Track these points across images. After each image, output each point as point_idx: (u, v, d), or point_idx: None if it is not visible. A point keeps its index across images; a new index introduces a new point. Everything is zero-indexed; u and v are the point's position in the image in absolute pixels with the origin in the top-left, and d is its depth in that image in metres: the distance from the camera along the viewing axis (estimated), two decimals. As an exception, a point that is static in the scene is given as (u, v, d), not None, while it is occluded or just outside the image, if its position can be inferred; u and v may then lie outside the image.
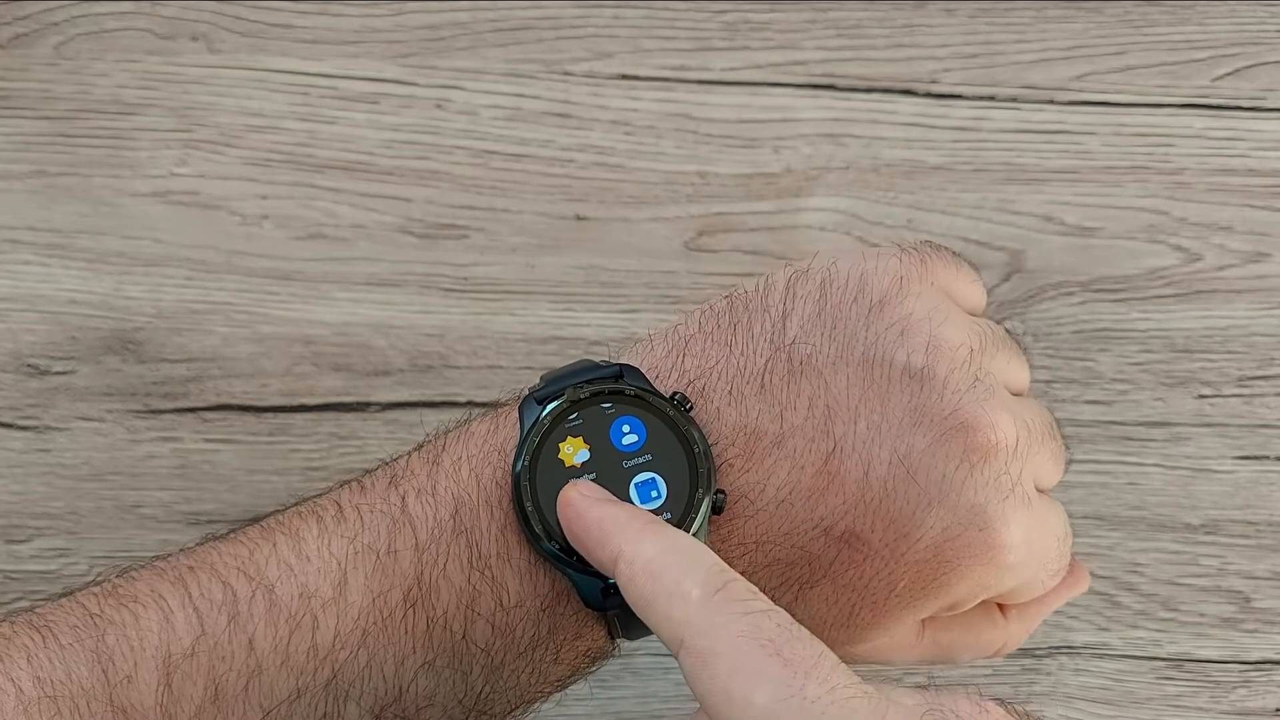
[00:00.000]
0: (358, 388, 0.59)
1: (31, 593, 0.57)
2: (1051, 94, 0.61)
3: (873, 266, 0.46)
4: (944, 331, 0.45)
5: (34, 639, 0.41)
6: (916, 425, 0.44)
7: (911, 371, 0.44)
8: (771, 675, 0.37)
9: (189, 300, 0.59)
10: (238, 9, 0.61)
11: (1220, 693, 0.56)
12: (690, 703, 0.56)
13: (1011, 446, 0.44)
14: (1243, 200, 0.60)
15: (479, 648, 0.43)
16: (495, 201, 0.60)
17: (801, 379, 0.45)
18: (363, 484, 0.45)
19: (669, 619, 0.39)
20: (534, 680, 0.45)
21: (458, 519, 0.44)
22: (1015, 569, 0.45)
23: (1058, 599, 0.50)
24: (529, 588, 0.44)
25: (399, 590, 0.43)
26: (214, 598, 0.42)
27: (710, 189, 0.60)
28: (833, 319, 0.45)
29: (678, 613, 0.39)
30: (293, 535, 0.44)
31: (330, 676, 0.42)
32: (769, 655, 0.37)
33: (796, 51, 0.61)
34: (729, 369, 0.45)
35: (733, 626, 0.38)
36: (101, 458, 0.58)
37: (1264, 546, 0.57)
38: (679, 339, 0.46)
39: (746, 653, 0.37)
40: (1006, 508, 0.44)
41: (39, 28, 0.61)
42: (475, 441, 0.45)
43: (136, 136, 0.61)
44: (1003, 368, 0.47)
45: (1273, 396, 0.59)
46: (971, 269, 0.49)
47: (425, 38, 0.61)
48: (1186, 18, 0.61)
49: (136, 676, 0.41)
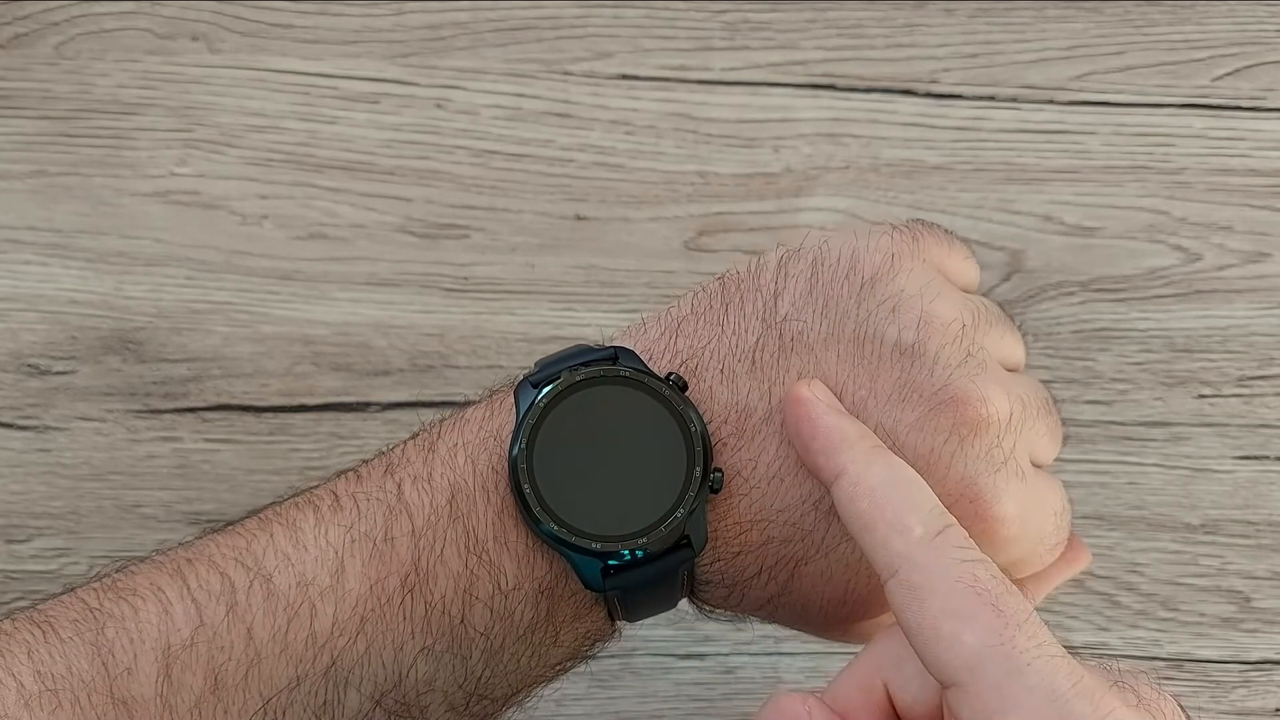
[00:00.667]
0: (358, 388, 0.59)
1: (31, 592, 0.57)
2: (1051, 94, 0.61)
3: (864, 244, 0.46)
4: (935, 308, 0.45)
5: (34, 634, 0.41)
6: (905, 400, 0.44)
7: (902, 347, 0.44)
8: (984, 621, 0.38)
9: (189, 300, 0.59)
10: (238, 9, 0.61)
11: (1220, 693, 0.56)
12: (691, 702, 0.56)
13: (1004, 420, 0.44)
14: (1243, 200, 0.60)
15: (478, 631, 0.43)
16: (495, 201, 0.60)
17: (792, 355, 0.45)
18: (359, 473, 0.45)
19: (886, 548, 0.40)
20: (534, 663, 0.45)
21: (454, 505, 0.44)
22: (1010, 543, 0.45)
23: (1058, 574, 0.49)
24: (526, 571, 0.44)
25: (396, 577, 0.43)
26: (212, 588, 0.42)
27: (710, 189, 0.60)
28: (824, 296, 0.45)
29: (897, 544, 0.40)
30: (289, 525, 0.44)
31: (329, 664, 0.42)
32: (984, 602, 0.39)
33: (796, 51, 0.61)
34: (721, 348, 0.45)
35: (950, 570, 0.39)
36: (101, 458, 0.58)
37: (1264, 546, 0.58)
38: (672, 320, 0.46)
39: (962, 595, 0.39)
40: (998, 480, 0.44)
41: (39, 28, 0.61)
42: (470, 428, 0.45)
43: (136, 136, 0.61)
44: (996, 343, 0.46)
45: (1273, 396, 0.59)
46: (964, 246, 0.49)
47: (425, 38, 0.61)
48: (1186, 18, 0.61)
49: (136, 668, 0.41)
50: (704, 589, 0.46)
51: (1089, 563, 0.51)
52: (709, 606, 0.47)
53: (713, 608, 0.47)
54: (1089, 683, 0.38)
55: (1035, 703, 0.37)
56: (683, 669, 0.57)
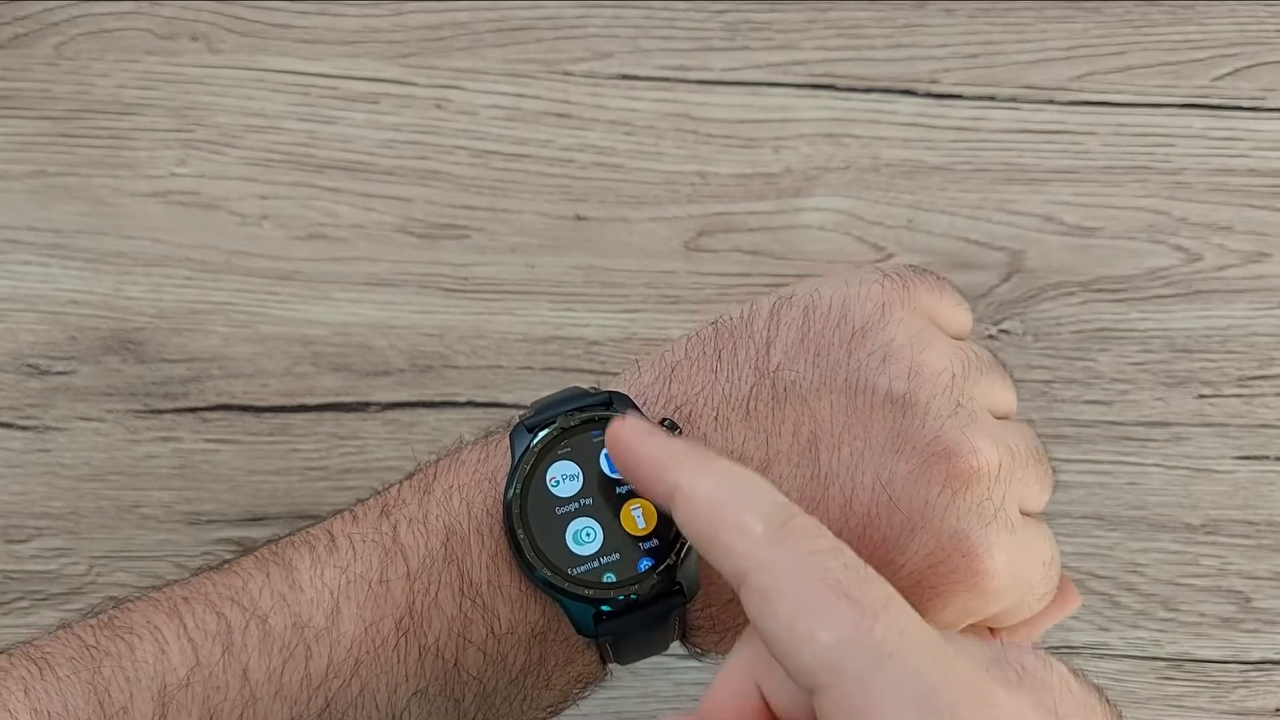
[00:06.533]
0: (358, 388, 0.59)
1: (31, 593, 0.57)
2: (1051, 94, 0.61)
3: (855, 293, 0.46)
4: (926, 358, 0.45)
5: (31, 671, 0.42)
6: (899, 452, 0.44)
7: (894, 398, 0.45)
8: (840, 615, 0.36)
9: (189, 300, 0.59)
10: (238, 9, 0.61)
11: (1220, 693, 0.56)
12: (691, 702, 0.56)
13: (993, 472, 0.45)
14: (1243, 200, 0.60)
15: (471, 675, 0.44)
16: (495, 201, 0.60)
17: (786, 405, 0.45)
18: (355, 513, 0.45)
19: (730, 553, 0.38)
20: (526, 707, 0.45)
21: (449, 547, 0.44)
22: (1000, 594, 0.45)
23: (1047, 620, 0.49)
24: (520, 615, 0.44)
25: (391, 619, 0.43)
26: (208, 628, 0.42)
27: (710, 189, 0.60)
28: (815, 346, 0.45)
29: (740, 547, 0.38)
30: (285, 565, 0.44)
31: (324, 706, 0.42)
32: (837, 595, 0.36)
33: (796, 51, 0.61)
34: (715, 395, 0.45)
35: (799, 564, 0.37)
36: (101, 458, 0.58)
37: (1264, 546, 0.57)
38: (666, 365, 0.46)
39: (813, 591, 0.36)
40: (989, 533, 0.44)
41: (39, 28, 0.61)
42: (466, 470, 0.45)
43: (136, 136, 0.61)
44: (986, 392, 0.47)
45: (1273, 396, 0.59)
46: (955, 292, 0.49)
47: (425, 38, 0.61)
48: (1186, 18, 0.61)
49: (132, 708, 0.41)
50: (696, 634, 0.46)
51: (1079, 606, 0.51)
52: (700, 650, 0.47)
53: (704, 651, 0.47)
54: (960, 667, 0.36)
55: (903, 695, 0.35)
56: (683, 669, 0.57)
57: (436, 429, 0.59)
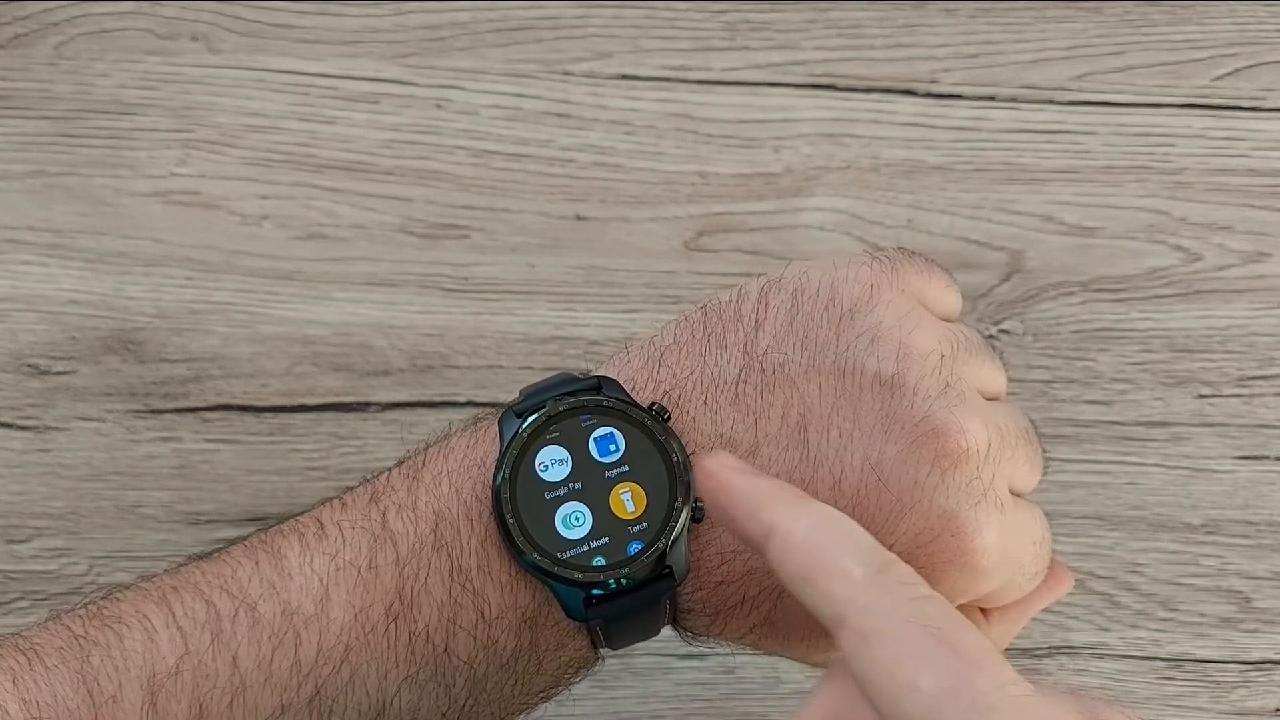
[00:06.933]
0: (358, 388, 0.59)
1: (31, 593, 0.57)
2: (1051, 94, 0.61)
3: (843, 275, 0.46)
4: (914, 339, 0.45)
5: (19, 661, 0.41)
6: (888, 433, 0.44)
7: (882, 379, 0.45)
8: (940, 663, 0.36)
9: (189, 300, 0.59)
10: (238, 9, 0.61)
11: (1220, 693, 0.56)
12: (691, 702, 0.56)
13: (983, 452, 0.44)
14: (1243, 200, 0.60)
15: (461, 660, 0.43)
16: (495, 201, 0.60)
17: (775, 388, 0.45)
18: (344, 501, 0.45)
19: (829, 596, 0.38)
20: (517, 692, 0.45)
21: (438, 533, 0.44)
22: (990, 573, 0.45)
23: (1040, 601, 0.49)
24: (510, 600, 0.44)
25: (380, 605, 0.43)
26: (197, 616, 0.42)
27: (710, 189, 0.60)
28: (804, 328, 0.45)
29: (840, 591, 0.38)
30: (274, 553, 0.44)
31: (314, 692, 0.42)
32: (937, 643, 0.36)
33: (796, 51, 0.61)
34: (704, 379, 0.45)
35: (899, 610, 0.37)
36: (101, 458, 0.58)
37: (1264, 546, 0.57)
38: (655, 350, 0.46)
39: (914, 637, 0.36)
40: (979, 513, 0.44)
41: (39, 28, 0.61)
42: (455, 456, 0.45)
43: (136, 136, 0.61)
44: (975, 373, 0.47)
45: (1273, 396, 0.59)
46: (945, 274, 0.49)
47: (425, 38, 0.61)
48: (1186, 18, 0.61)
49: (121, 697, 0.41)
50: (687, 617, 0.46)
51: (1071, 587, 0.51)
52: (692, 634, 0.47)
53: (696, 635, 0.47)
54: None
55: None
56: (683, 669, 0.57)
57: (437, 429, 0.59)
